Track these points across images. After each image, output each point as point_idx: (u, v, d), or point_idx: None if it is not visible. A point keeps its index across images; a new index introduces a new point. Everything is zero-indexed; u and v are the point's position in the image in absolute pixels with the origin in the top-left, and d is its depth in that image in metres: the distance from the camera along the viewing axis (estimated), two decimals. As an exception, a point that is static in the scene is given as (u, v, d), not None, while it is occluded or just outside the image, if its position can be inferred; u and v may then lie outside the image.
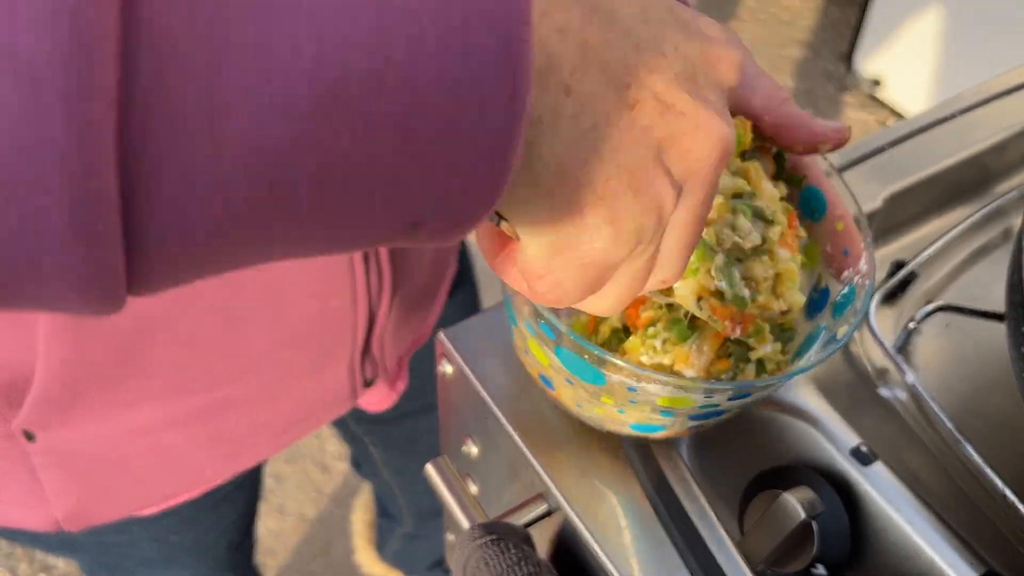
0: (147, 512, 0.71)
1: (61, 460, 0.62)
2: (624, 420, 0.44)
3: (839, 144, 0.43)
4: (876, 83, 2.26)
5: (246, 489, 0.81)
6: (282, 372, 0.66)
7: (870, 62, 2.26)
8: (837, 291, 0.45)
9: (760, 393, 0.42)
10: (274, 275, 0.59)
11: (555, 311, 0.41)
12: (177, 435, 0.65)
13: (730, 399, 0.42)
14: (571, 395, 0.45)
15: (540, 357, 0.44)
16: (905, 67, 2.17)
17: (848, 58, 2.32)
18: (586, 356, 0.40)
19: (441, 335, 0.52)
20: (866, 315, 0.43)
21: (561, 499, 0.46)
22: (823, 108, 2.30)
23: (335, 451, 1.71)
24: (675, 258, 0.31)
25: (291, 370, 0.66)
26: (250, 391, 0.65)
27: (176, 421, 0.64)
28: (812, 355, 0.44)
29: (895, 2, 2.12)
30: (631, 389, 0.41)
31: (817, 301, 0.46)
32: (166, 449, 0.66)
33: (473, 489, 0.58)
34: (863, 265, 0.44)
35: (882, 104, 2.28)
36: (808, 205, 0.46)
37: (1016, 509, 0.47)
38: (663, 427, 0.45)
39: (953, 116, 0.67)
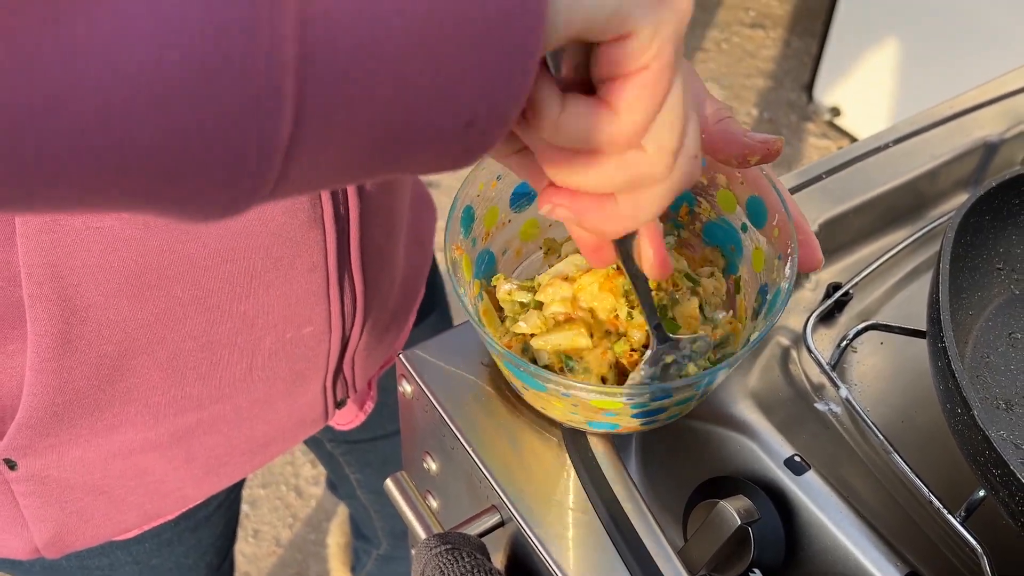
0: (127, 536, 0.72)
1: (41, 487, 0.63)
2: (580, 419, 0.49)
3: (768, 156, 0.46)
4: (835, 112, 2.32)
5: (224, 511, 0.82)
6: (257, 395, 0.68)
7: (829, 92, 2.32)
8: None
9: (681, 393, 0.46)
10: (250, 304, 0.61)
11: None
12: (155, 457, 0.66)
13: (656, 399, 0.46)
14: (535, 400, 0.50)
15: (505, 371, 0.50)
16: (862, 96, 2.24)
17: (809, 88, 2.39)
18: (521, 368, 0.45)
19: (401, 356, 0.55)
20: (779, 316, 0.46)
21: (512, 511, 0.49)
22: (786, 136, 2.36)
23: (309, 476, 1.72)
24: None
25: (266, 392, 0.68)
26: (227, 413, 0.67)
27: (154, 443, 0.65)
28: (731, 359, 0.47)
29: (851, 35, 2.19)
30: (565, 395, 0.45)
31: (761, 303, 0.50)
32: (145, 471, 0.67)
33: (434, 504, 0.60)
34: (787, 269, 0.48)
35: (842, 132, 2.34)
36: (751, 214, 0.51)
37: (941, 514, 0.50)
38: (616, 425, 0.49)
39: (887, 146, 0.71)
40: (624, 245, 0.42)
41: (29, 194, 0.26)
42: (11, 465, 0.61)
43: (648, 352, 0.47)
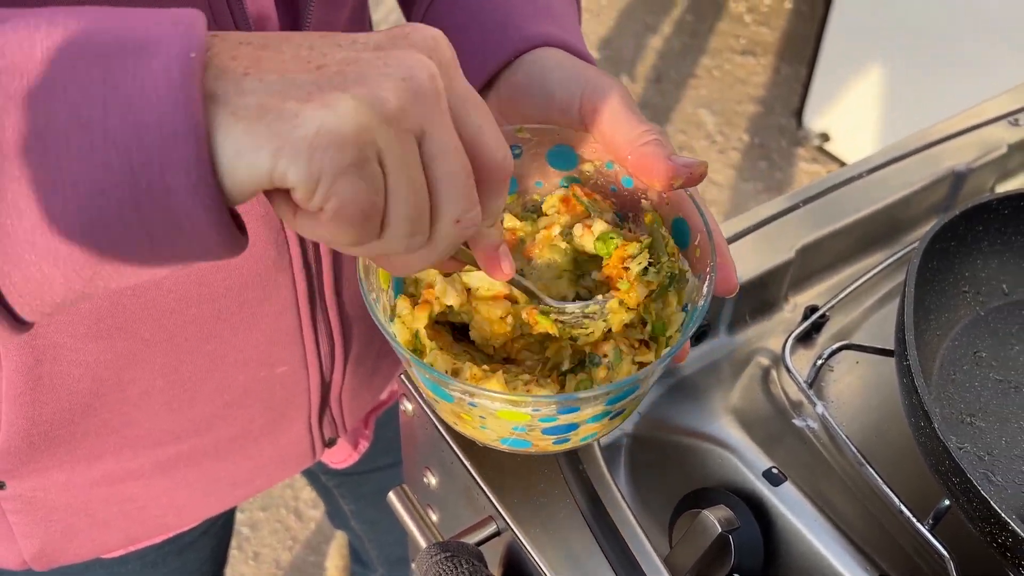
0: (112, 555, 0.74)
1: (28, 506, 0.66)
2: (491, 436, 0.49)
3: (691, 180, 0.47)
4: (824, 137, 2.37)
5: (213, 536, 0.84)
6: (236, 430, 0.69)
7: (818, 118, 2.38)
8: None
9: (590, 405, 0.45)
10: (218, 344, 0.62)
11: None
12: (138, 485, 0.69)
13: (561, 411, 0.45)
14: (447, 415, 0.50)
15: (419, 384, 0.49)
16: (850, 122, 2.29)
17: (799, 114, 2.44)
18: (427, 375, 0.45)
19: (403, 376, 0.58)
20: (691, 332, 0.46)
21: (508, 521, 0.52)
22: (777, 161, 2.40)
23: (309, 498, 1.74)
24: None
25: (245, 428, 0.70)
26: (205, 447, 0.69)
27: (135, 473, 0.67)
28: (642, 373, 0.46)
29: (839, 62, 2.25)
30: (471, 404, 0.45)
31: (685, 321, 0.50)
32: (128, 498, 0.69)
33: (434, 517, 0.63)
34: (704, 288, 0.48)
35: (831, 156, 2.39)
36: (676, 236, 0.51)
37: (911, 522, 0.53)
38: (528, 443, 0.49)
39: (861, 176, 0.74)
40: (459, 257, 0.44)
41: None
42: (0, 485, 0.64)
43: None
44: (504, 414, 0.45)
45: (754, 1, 2.90)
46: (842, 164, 2.36)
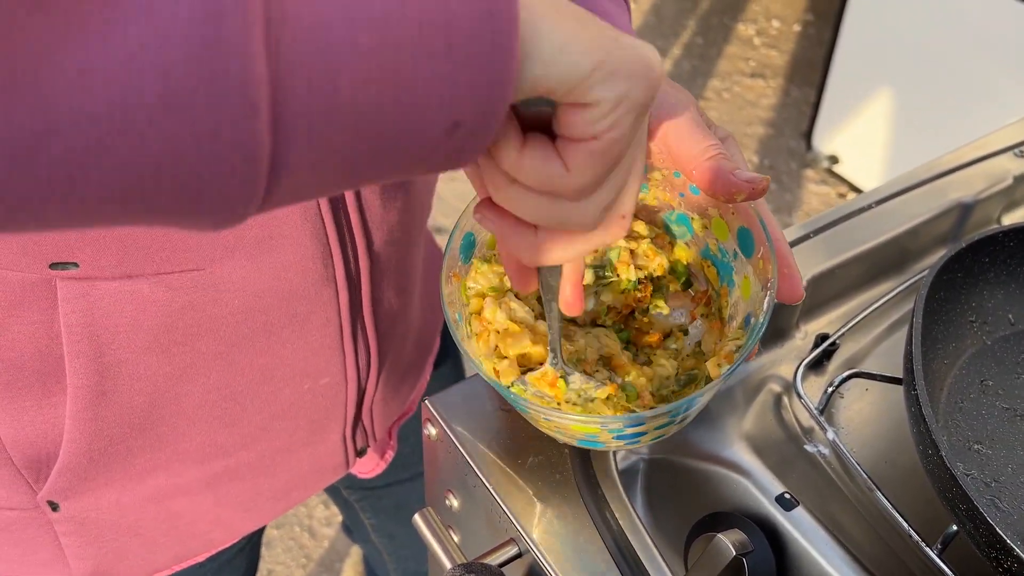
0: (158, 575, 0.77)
1: (80, 528, 0.68)
2: (568, 437, 0.53)
3: (754, 195, 0.49)
4: (834, 159, 2.39)
5: (246, 555, 0.86)
6: (279, 443, 0.72)
7: (827, 140, 2.40)
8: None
9: (654, 422, 0.49)
10: (269, 358, 0.65)
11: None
12: (186, 502, 0.71)
13: (631, 425, 0.49)
14: (527, 416, 0.54)
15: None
16: (859, 144, 2.32)
17: (808, 136, 2.46)
18: (508, 395, 0.49)
19: (427, 402, 0.61)
20: (749, 351, 0.49)
21: (529, 543, 0.54)
22: (786, 182, 2.43)
23: (322, 516, 1.76)
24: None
25: (288, 441, 0.72)
26: (251, 460, 0.72)
27: (184, 489, 0.70)
28: (706, 388, 0.49)
29: (848, 85, 2.27)
30: (547, 419, 0.50)
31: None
32: (176, 515, 0.72)
33: (456, 538, 0.65)
34: (765, 303, 0.50)
35: (841, 179, 2.41)
36: (741, 244, 0.54)
37: (920, 547, 0.55)
38: (602, 443, 0.53)
39: (871, 207, 0.76)
40: (544, 275, 0.45)
41: (39, 212, 0.29)
42: (54, 507, 0.66)
43: (543, 366, 0.51)
44: (577, 427, 0.49)
45: (763, 24, 2.94)
46: (851, 186, 2.38)
